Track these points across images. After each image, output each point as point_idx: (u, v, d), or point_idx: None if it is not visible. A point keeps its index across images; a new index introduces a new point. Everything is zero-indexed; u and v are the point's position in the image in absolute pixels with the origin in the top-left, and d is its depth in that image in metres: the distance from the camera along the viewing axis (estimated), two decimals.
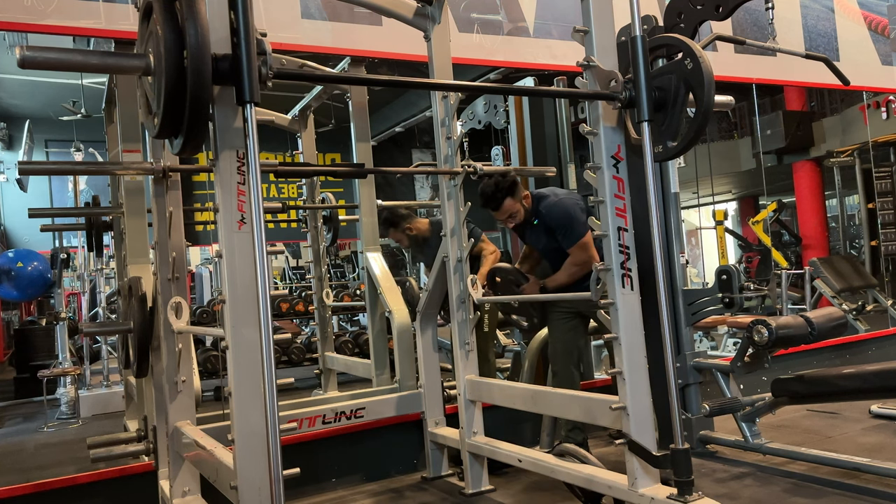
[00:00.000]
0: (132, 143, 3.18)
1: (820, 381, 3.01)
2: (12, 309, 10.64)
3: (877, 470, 2.83)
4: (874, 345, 5.21)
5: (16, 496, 2.82)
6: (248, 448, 1.77)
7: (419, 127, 11.15)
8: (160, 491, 2.67)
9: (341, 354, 5.38)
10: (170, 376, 2.56)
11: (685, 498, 2.12)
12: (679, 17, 2.70)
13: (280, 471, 1.63)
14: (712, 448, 3.51)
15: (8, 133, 10.31)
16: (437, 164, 3.28)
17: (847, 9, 5.60)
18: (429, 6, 3.15)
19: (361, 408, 3.22)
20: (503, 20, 4.21)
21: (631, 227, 2.30)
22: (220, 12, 1.69)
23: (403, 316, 3.59)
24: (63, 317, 6.19)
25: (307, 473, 2.03)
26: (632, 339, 2.28)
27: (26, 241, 10.00)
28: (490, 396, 3.05)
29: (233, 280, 1.76)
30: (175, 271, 2.57)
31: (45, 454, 4.67)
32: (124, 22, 3.16)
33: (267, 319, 1.63)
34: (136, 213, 3.24)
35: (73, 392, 5.96)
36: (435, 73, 3.16)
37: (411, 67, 4.05)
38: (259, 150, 1.66)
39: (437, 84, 3.17)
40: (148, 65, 1.68)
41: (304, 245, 11.60)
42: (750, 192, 13.01)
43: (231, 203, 1.77)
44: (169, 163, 2.57)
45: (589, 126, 2.33)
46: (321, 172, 4.19)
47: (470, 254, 3.19)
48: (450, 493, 3.18)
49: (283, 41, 3.57)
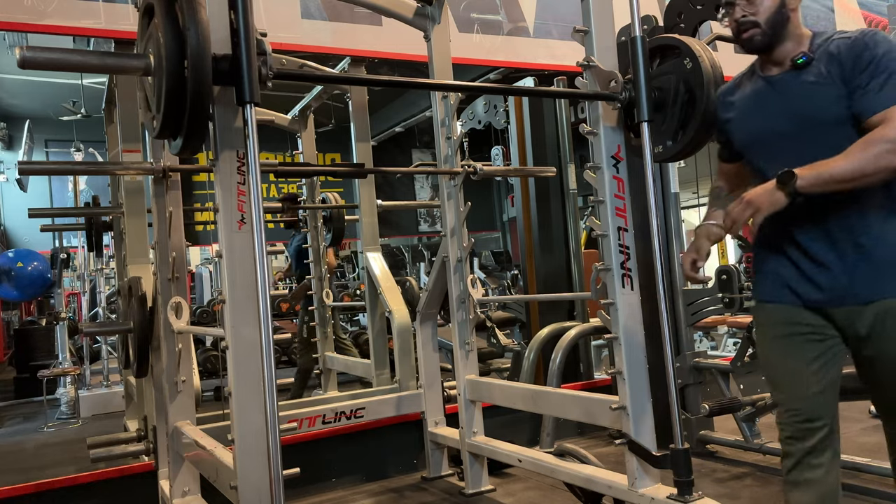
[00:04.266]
0: (132, 143, 3.19)
1: None
2: (12, 309, 10.64)
3: (877, 470, 2.83)
4: None
5: (16, 496, 2.82)
6: (248, 448, 1.77)
7: (419, 127, 11.16)
8: (160, 491, 2.67)
9: (341, 354, 5.38)
10: (170, 376, 2.56)
11: (685, 498, 2.12)
12: (679, 17, 2.70)
13: (280, 471, 1.63)
14: (712, 448, 3.51)
15: (8, 133, 10.32)
16: (437, 164, 3.28)
17: (847, 9, 5.61)
18: (429, 6, 3.15)
19: (361, 408, 3.22)
20: (503, 20, 4.21)
21: (631, 227, 2.30)
22: (220, 12, 1.69)
23: (403, 316, 3.59)
24: (63, 317, 6.20)
25: (307, 473, 2.02)
26: (632, 339, 2.28)
27: (26, 241, 10.00)
28: (490, 396, 3.05)
29: (233, 280, 1.76)
30: (175, 271, 2.57)
31: (45, 454, 4.67)
32: (124, 22, 3.16)
33: (267, 319, 1.63)
34: (136, 213, 3.25)
35: (73, 392, 5.96)
36: (435, 73, 3.16)
37: (411, 67, 4.06)
38: (259, 150, 1.66)
39: (437, 84, 3.17)
40: (148, 65, 1.68)
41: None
42: None
43: (231, 203, 1.77)
44: (169, 163, 2.57)
45: (589, 126, 2.33)
46: (321, 172, 4.19)
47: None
48: (450, 493, 3.18)
49: (283, 41, 3.57)
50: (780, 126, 1.77)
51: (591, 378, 4.42)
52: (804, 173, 1.60)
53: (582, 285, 4.57)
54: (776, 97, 1.79)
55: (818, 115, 1.70)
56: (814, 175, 1.60)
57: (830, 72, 1.68)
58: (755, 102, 1.85)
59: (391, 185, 13.02)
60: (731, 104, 1.94)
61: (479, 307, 3.17)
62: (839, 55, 1.67)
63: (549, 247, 4.67)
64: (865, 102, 1.62)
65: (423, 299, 3.37)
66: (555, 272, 4.66)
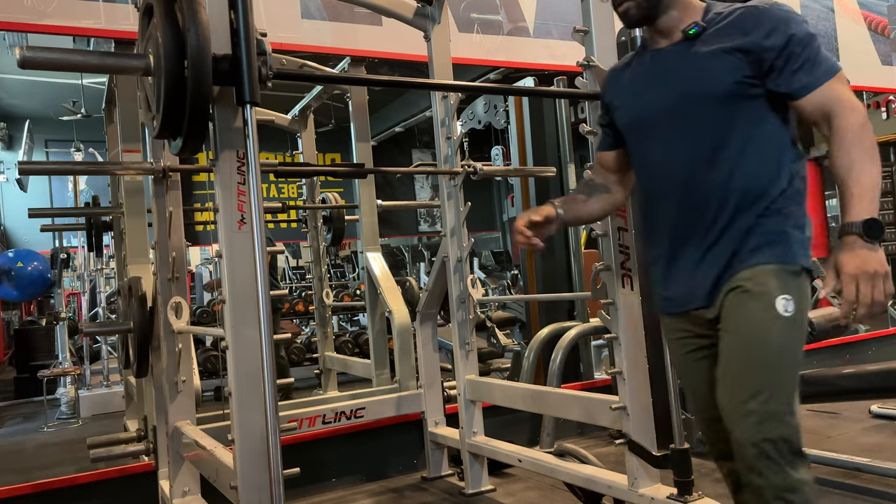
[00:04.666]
0: (132, 143, 3.18)
1: (820, 380, 3.01)
2: (12, 309, 10.63)
3: (877, 470, 2.83)
4: (874, 345, 5.21)
5: (16, 496, 2.82)
6: (248, 448, 1.76)
7: (419, 127, 11.16)
8: (160, 491, 2.67)
9: (341, 354, 5.38)
10: (170, 376, 2.56)
11: (685, 498, 2.12)
12: None
13: (280, 471, 1.63)
14: None
15: (8, 133, 10.32)
16: (437, 164, 3.28)
17: (847, 9, 5.60)
18: (429, 6, 3.15)
19: (361, 408, 3.21)
20: (503, 20, 4.21)
21: (631, 226, 2.30)
22: (220, 12, 1.69)
23: (403, 316, 3.58)
24: (63, 317, 6.20)
25: (307, 473, 2.02)
26: (632, 339, 2.28)
27: (26, 241, 10.00)
28: (490, 396, 3.05)
29: (233, 280, 1.76)
30: (175, 271, 2.57)
31: (45, 454, 4.67)
32: (124, 22, 3.16)
33: (267, 319, 1.63)
34: (136, 213, 3.24)
35: (73, 392, 5.96)
36: (435, 73, 3.16)
37: (411, 67, 4.05)
38: (259, 151, 1.66)
39: (437, 84, 3.17)
40: (148, 65, 1.68)
41: (304, 245, 11.61)
42: None
43: (231, 203, 1.77)
44: (169, 163, 2.57)
45: (589, 126, 2.33)
46: (321, 172, 4.19)
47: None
48: (450, 493, 3.18)
49: (283, 41, 3.57)
50: (662, 102, 1.64)
51: (591, 378, 4.42)
52: (866, 212, 1.37)
53: (582, 285, 4.57)
54: (663, 71, 1.66)
55: (707, 89, 1.56)
56: (870, 202, 1.39)
57: (729, 43, 1.53)
58: (642, 79, 1.72)
59: (391, 185, 13.02)
60: (618, 83, 1.80)
61: (479, 307, 3.17)
62: (742, 25, 1.53)
63: (549, 247, 4.66)
64: (796, 81, 1.49)
65: (423, 299, 3.37)
66: (555, 272, 4.66)
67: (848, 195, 1.41)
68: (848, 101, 1.47)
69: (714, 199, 1.56)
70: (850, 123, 1.44)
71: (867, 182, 1.40)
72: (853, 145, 1.43)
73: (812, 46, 1.49)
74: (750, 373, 1.46)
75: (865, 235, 1.35)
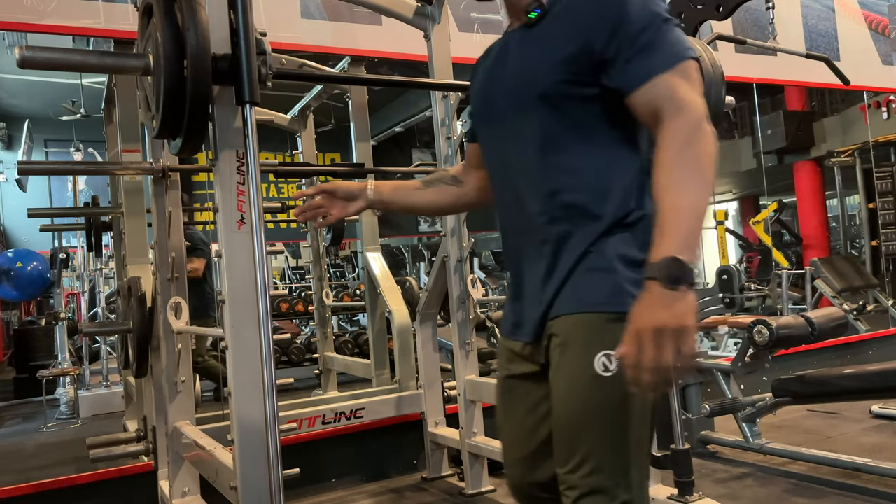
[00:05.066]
0: (131, 143, 3.18)
1: (820, 381, 3.01)
2: (12, 309, 10.63)
3: (877, 470, 2.83)
4: (875, 345, 5.21)
5: (16, 496, 2.82)
6: (247, 448, 1.76)
7: (419, 127, 11.16)
8: (160, 491, 2.66)
9: (341, 354, 5.37)
10: (169, 376, 2.56)
11: (685, 498, 2.12)
12: (679, 17, 2.70)
13: (280, 471, 1.63)
14: (713, 448, 3.51)
15: (7, 133, 10.31)
16: (437, 163, 3.28)
17: (847, 8, 5.60)
18: (429, 6, 3.15)
19: (361, 408, 3.21)
20: (503, 20, 4.21)
21: None
22: (219, 12, 1.69)
23: (403, 316, 3.58)
24: (62, 317, 6.19)
25: (307, 473, 2.02)
26: None
27: (26, 241, 9.99)
28: (490, 396, 3.05)
29: (232, 280, 1.76)
30: (175, 271, 2.56)
31: (44, 454, 4.67)
32: (124, 22, 3.15)
33: (267, 319, 1.62)
34: (136, 213, 3.24)
35: (73, 392, 5.95)
36: (435, 72, 3.16)
37: (411, 67, 4.05)
38: (259, 150, 1.66)
39: (437, 84, 3.16)
40: (147, 65, 1.68)
41: (304, 245, 11.62)
42: (750, 191, 13.01)
43: (231, 203, 1.76)
44: (168, 163, 2.57)
45: None
46: (321, 172, 4.18)
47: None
48: (450, 493, 3.18)
49: (283, 41, 3.56)
50: (495, 100, 1.37)
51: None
52: (675, 248, 1.07)
53: None
54: (503, 61, 1.38)
55: (529, 88, 1.28)
56: (683, 236, 1.08)
57: (560, 32, 1.25)
58: (488, 68, 1.43)
59: None
60: (477, 69, 1.50)
61: (479, 307, 3.17)
62: (577, 10, 1.24)
63: None
64: (629, 72, 1.18)
65: (423, 299, 3.36)
66: None
67: (658, 226, 1.10)
68: (680, 99, 1.14)
69: (540, 218, 1.29)
70: (676, 130, 1.13)
71: (684, 208, 1.09)
72: (675, 160, 1.12)
73: (652, 29, 1.17)
74: (572, 441, 1.23)
75: (664, 280, 1.05)
